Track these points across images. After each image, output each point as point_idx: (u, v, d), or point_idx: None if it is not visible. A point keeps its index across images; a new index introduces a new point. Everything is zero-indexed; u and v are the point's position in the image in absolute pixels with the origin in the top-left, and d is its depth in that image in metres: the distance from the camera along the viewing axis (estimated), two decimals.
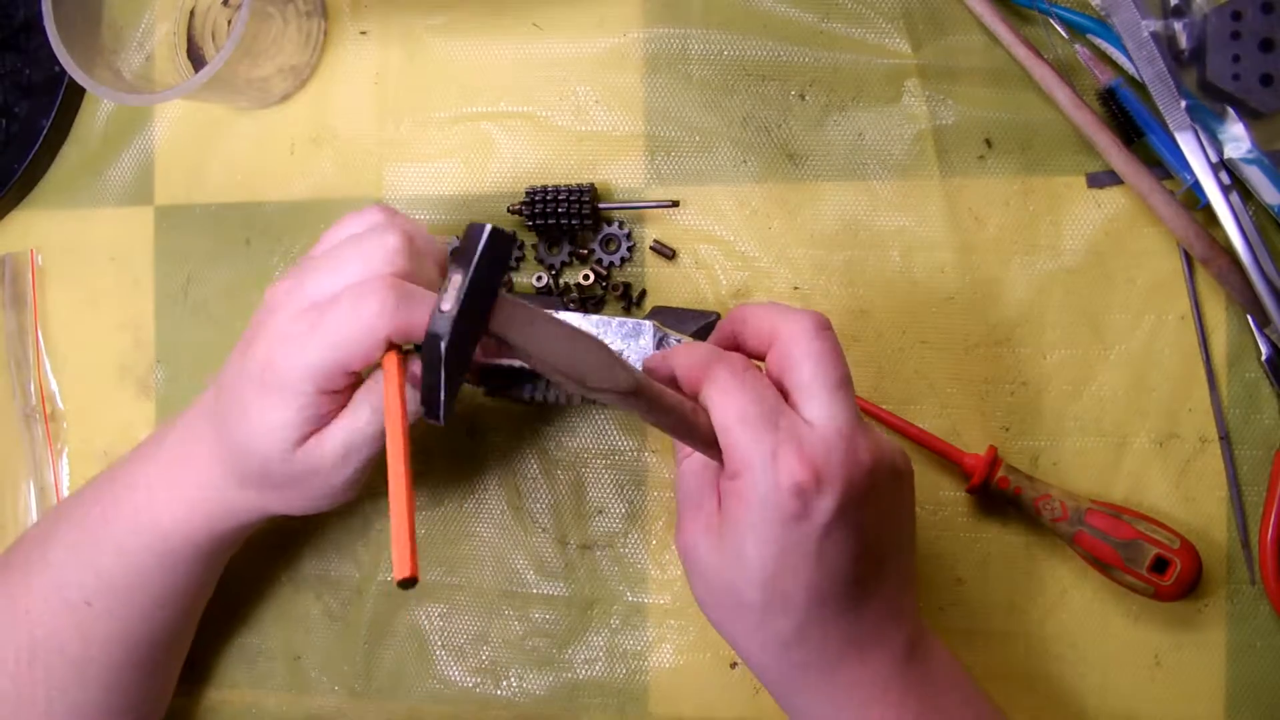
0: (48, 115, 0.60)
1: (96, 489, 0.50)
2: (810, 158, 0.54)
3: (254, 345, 0.43)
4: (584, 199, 0.53)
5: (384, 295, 0.40)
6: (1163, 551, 0.47)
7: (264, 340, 0.43)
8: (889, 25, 0.53)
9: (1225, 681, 0.50)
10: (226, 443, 0.45)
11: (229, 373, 0.45)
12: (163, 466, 0.48)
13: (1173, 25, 0.49)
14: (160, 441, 0.49)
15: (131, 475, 0.49)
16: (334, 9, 0.59)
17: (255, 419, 0.43)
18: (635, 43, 0.55)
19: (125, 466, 0.49)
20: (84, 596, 0.48)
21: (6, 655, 0.48)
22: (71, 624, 0.48)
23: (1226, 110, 0.48)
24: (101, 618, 0.49)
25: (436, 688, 0.57)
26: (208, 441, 0.47)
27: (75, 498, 0.51)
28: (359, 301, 0.41)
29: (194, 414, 0.48)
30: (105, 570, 0.48)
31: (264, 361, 0.42)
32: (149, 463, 0.49)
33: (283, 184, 0.59)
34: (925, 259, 0.52)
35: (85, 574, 0.48)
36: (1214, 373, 0.50)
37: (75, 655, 0.49)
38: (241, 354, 0.45)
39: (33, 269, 0.63)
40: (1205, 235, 0.48)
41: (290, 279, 0.44)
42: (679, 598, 0.54)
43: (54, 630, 0.48)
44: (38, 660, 0.48)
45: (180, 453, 0.48)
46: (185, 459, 0.47)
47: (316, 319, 0.42)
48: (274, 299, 0.44)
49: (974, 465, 0.49)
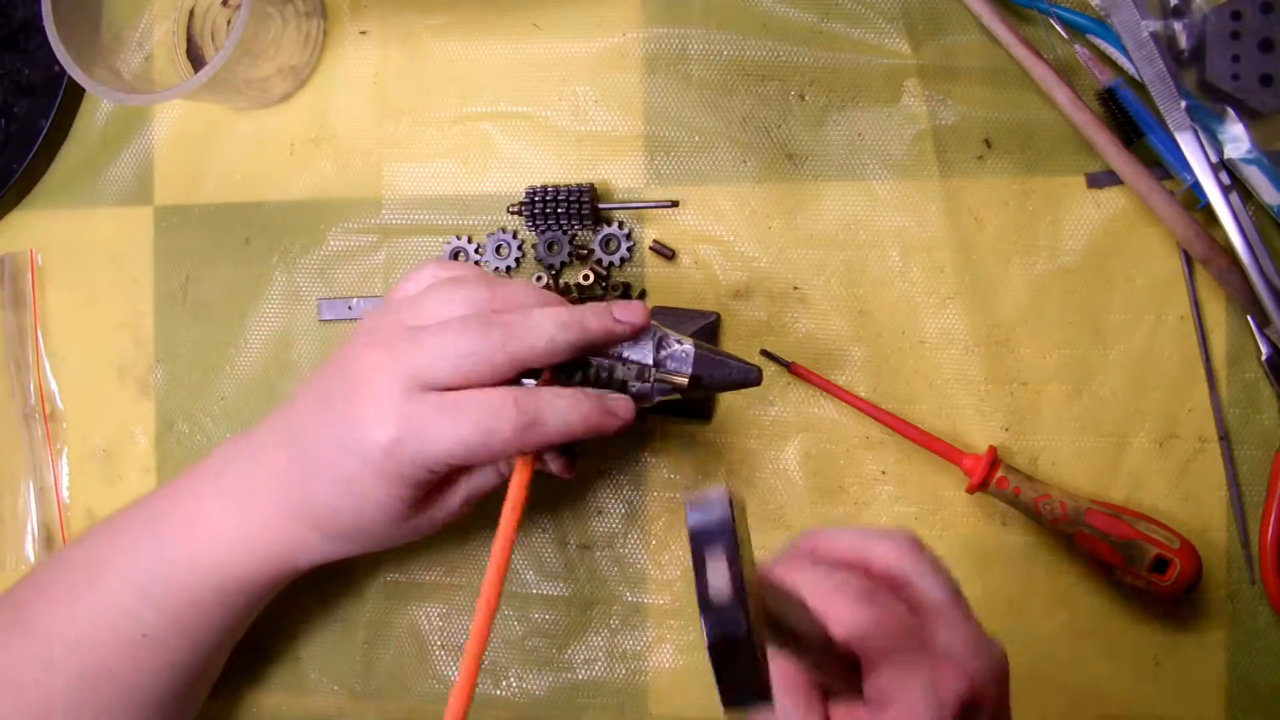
0: (47, 115, 0.60)
1: (148, 520, 0.49)
2: (810, 158, 0.54)
3: (360, 418, 0.42)
4: (584, 199, 0.53)
5: (518, 415, 0.41)
6: (1163, 551, 0.47)
7: (376, 415, 0.42)
8: (888, 25, 0.53)
9: (1225, 681, 0.50)
10: (318, 508, 0.45)
11: (312, 434, 0.44)
12: (228, 511, 0.47)
13: (1172, 25, 0.49)
14: (220, 479, 0.48)
15: (188, 513, 0.48)
16: (333, 9, 0.59)
17: (368, 498, 0.43)
18: (635, 43, 0.55)
19: (179, 501, 0.48)
20: (140, 629, 0.48)
21: (57, 684, 0.47)
22: (126, 655, 0.48)
23: (1226, 110, 0.48)
24: (157, 649, 0.48)
25: (436, 688, 0.57)
26: (286, 498, 0.46)
27: (122, 526, 0.50)
28: (494, 417, 0.41)
29: (260, 458, 0.47)
30: (164, 606, 0.48)
31: (385, 445, 0.42)
32: (209, 501, 0.47)
33: (282, 184, 0.59)
34: (925, 259, 0.52)
35: (142, 608, 0.48)
36: (1214, 373, 0.50)
37: (127, 682, 0.48)
38: (326, 409, 0.44)
39: (32, 269, 0.63)
40: (1205, 235, 0.48)
41: (382, 347, 0.43)
42: (678, 598, 0.54)
43: (106, 660, 0.48)
44: (87, 686, 0.48)
45: (248, 502, 0.47)
46: (255, 509, 0.46)
47: (442, 404, 0.41)
48: (371, 362, 0.43)
49: (974, 465, 0.49)
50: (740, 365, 0.46)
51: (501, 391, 0.42)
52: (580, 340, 0.43)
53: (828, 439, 0.53)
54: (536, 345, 0.42)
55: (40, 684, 0.47)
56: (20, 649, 0.48)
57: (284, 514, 0.46)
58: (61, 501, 0.62)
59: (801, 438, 0.53)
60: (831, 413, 0.53)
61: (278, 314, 0.59)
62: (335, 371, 0.45)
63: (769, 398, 0.54)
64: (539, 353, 0.42)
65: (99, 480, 0.62)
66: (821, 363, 0.53)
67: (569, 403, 0.43)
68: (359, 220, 0.58)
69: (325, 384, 0.45)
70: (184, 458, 0.60)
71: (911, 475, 0.52)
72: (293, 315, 0.59)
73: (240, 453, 0.48)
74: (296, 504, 0.46)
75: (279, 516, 0.46)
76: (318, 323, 0.59)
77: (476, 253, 0.56)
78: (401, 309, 0.44)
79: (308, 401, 0.45)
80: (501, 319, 0.42)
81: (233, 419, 0.60)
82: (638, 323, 0.44)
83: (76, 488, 0.62)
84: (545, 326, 0.42)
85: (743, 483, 0.54)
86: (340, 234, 0.59)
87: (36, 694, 0.47)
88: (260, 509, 0.46)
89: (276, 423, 0.47)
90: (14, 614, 0.49)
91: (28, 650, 0.48)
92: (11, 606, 0.50)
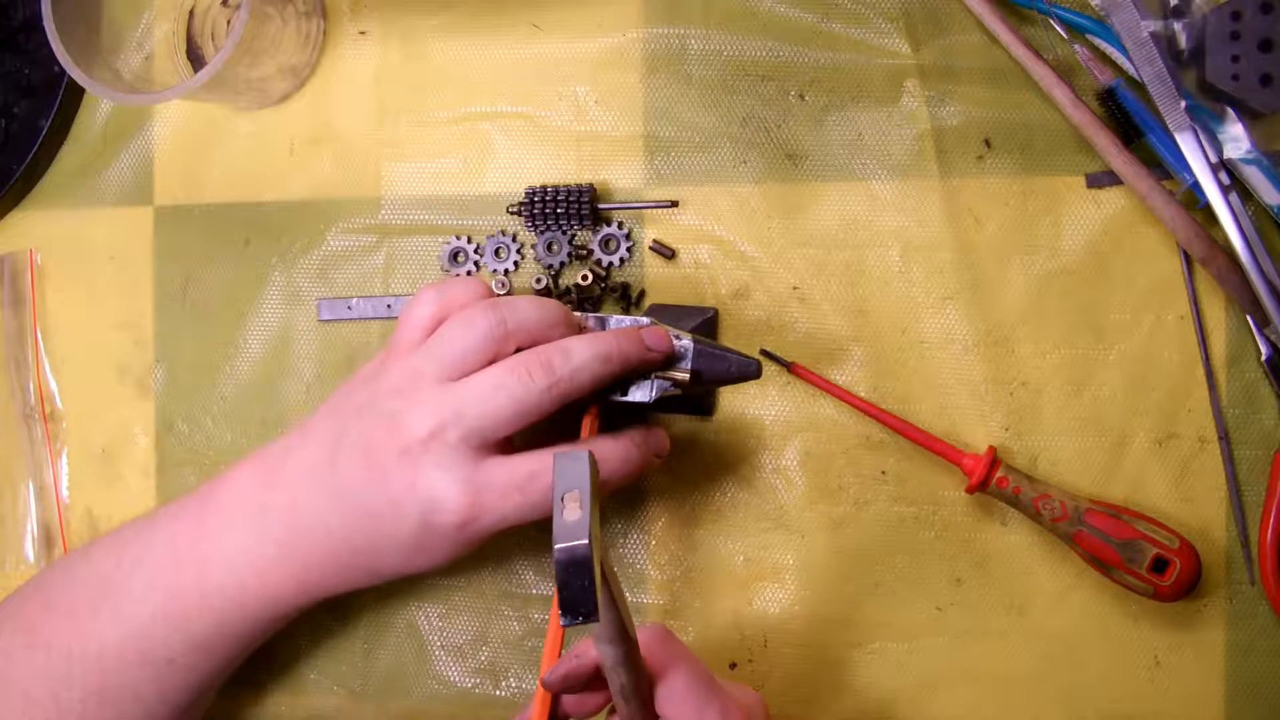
0: (47, 115, 0.60)
1: (175, 547, 0.48)
2: (810, 158, 0.54)
3: (428, 492, 0.43)
4: (583, 199, 0.53)
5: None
6: (1162, 551, 0.47)
7: (444, 488, 0.43)
8: (889, 25, 0.53)
9: (1225, 681, 0.50)
10: (374, 562, 0.46)
11: (367, 499, 0.44)
12: (267, 552, 0.46)
13: (1172, 25, 0.49)
14: (261, 518, 0.47)
15: (222, 548, 0.47)
16: (333, 9, 0.59)
17: (428, 555, 0.45)
18: (635, 43, 0.55)
19: (207, 533, 0.47)
20: (168, 655, 0.48)
21: (74, 696, 0.47)
22: (151, 677, 0.48)
23: (1226, 110, 0.48)
24: (183, 672, 0.48)
25: (435, 688, 0.57)
26: (335, 554, 0.46)
27: (143, 547, 0.49)
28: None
29: (302, 508, 0.46)
30: (196, 635, 0.48)
31: (458, 523, 0.43)
32: (250, 541, 0.47)
33: (282, 184, 0.59)
34: (924, 259, 0.52)
35: (172, 635, 0.47)
36: (1213, 373, 0.50)
37: (149, 701, 0.48)
38: (379, 474, 0.44)
39: (32, 269, 0.63)
40: (1205, 235, 0.48)
41: (427, 407, 0.43)
42: (678, 598, 0.54)
43: (130, 681, 0.48)
44: (108, 703, 0.48)
45: (294, 552, 0.46)
46: (301, 556, 0.46)
47: (511, 478, 0.43)
48: (421, 424, 0.43)
49: (973, 465, 0.49)
50: (740, 359, 0.47)
51: None
52: (620, 372, 0.45)
53: (828, 439, 0.53)
54: (582, 384, 0.44)
55: (59, 700, 0.47)
56: (38, 665, 0.48)
57: (337, 562, 0.46)
58: (61, 502, 0.62)
59: (801, 438, 0.53)
60: (831, 413, 0.53)
61: (277, 314, 0.59)
62: (375, 425, 0.44)
63: (769, 398, 0.54)
64: (584, 390, 0.44)
65: (99, 480, 0.62)
66: (821, 363, 0.53)
67: (622, 458, 0.45)
68: (358, 220, 0.58)
69: (365, 440, 0.44)
70: (184, 458, 0.60)
71: (911, 475, 0.52)
72: (292, 315, 0.59)
73: (276, 499, 0.47)
74: (345, 558, 0.46)
75: (332, 564, 0.46)
76: (317, 323, 0.59)
77: (476, 253, 0.56)
78: (417, 357, 0.45)
79: (354, 459, 0.45)
80: (541, 360, 0.43)
81: (233, 419, 0.60)
82: (667, 350, 0.46)
83: (76, 488, 0.62)
84: (589, 366, 0.44)
85: (743, 483, 0.54)
86: (340, 234, 0.59)
87: (53, 709, 0.47)
88: (311, 558, 0.46)
89: (313, 474, 0.46)
90: (29, 629, 0.49)
91: (47, 667, 0.48)
92: (23, 619, 0.49)
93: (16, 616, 0.50)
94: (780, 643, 0.53)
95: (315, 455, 0.46)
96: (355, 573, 0.47)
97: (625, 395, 0.47)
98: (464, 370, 0.44)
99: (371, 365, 0.49)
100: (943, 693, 0.52)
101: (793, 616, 0.53)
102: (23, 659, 0.48)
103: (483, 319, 0.44)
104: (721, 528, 0.54)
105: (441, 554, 0.45)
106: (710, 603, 0.54)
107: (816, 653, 0.53)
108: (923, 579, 0.52)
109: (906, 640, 0.52)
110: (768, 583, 0.53)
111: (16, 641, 0.49)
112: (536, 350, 0.44)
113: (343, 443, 0.45)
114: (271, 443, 0.49)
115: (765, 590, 0.53)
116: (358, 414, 0.45)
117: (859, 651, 0.53)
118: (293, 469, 0.47)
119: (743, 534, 0.54)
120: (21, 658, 0.48)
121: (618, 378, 0.45)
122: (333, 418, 0.47)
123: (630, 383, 0.47)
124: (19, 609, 0.50)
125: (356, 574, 0.47)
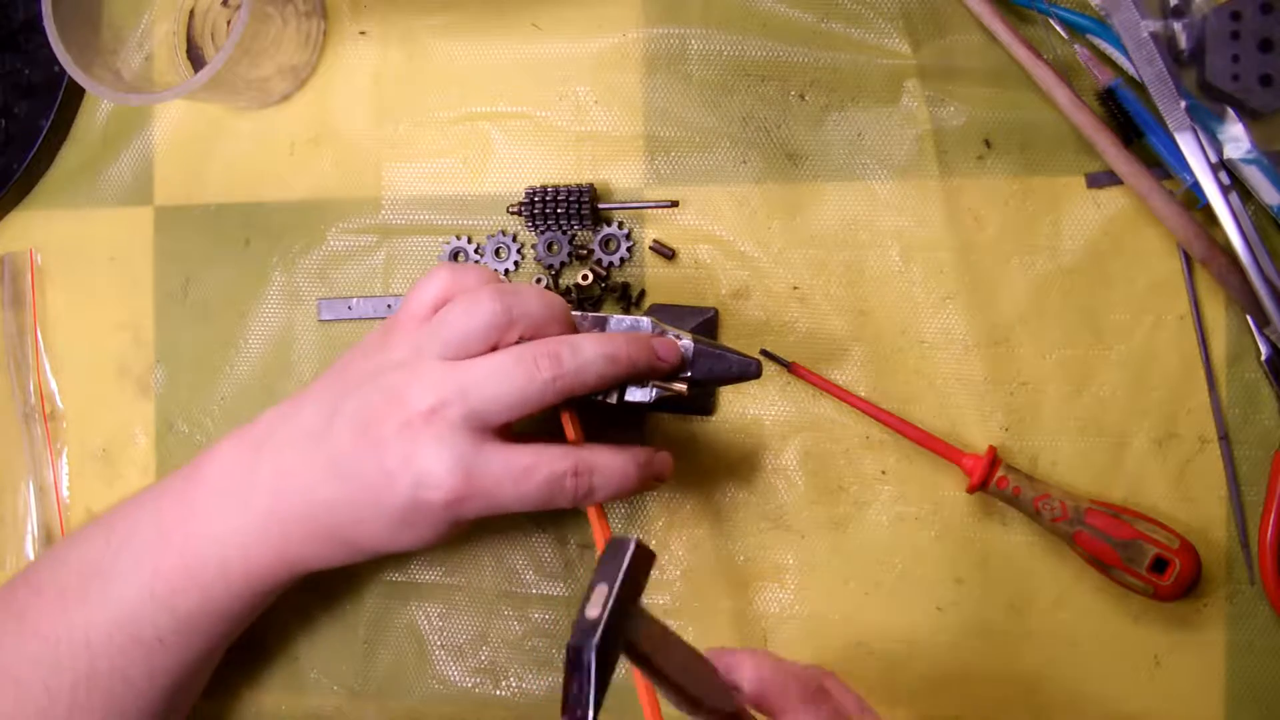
0: (47, 115, 0.60)
1: (161, 525, 0.48)
2: (810, 158, 0.54)
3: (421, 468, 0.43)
4: (583, 199, 0.53)
5: (577, 486, 0.44)
6: (1162, 551, 0.47)
7: (438, 465, 0.43)
8: (888, 25, 0.53)
9: (1225, 681, 0.50)
10: (359, 536, 0.46)
11: (359, 472, 0.44)
12: (252, 525, 0.46)
13: (1172, 25, 0.49)
14: (249, 495, 0.47)
15: (209, 523, 0.47)
16: (333, 9, 0.59)
17: (415, 531, 0.45)
18: (635, 43, 0.55)
19: (194, 510, 0.47)
20: (158, 635, 0.48)
21: (64, 682, 0.47)
22: (140, 659, 0.48)
23: (1226, 110, 0.48)
24: (172, 652, 0.48)
25: (436, 688, 0.57)
26: (319, 525, 0.46)
27: (130, 528, 0.49)
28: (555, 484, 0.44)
29: (291, 479, 0.46)
30: (185, 613, 0.48)
31: (448, 501, 0.43)
32: (234, 517, 0.47)
33: (282, 184, 0.59)
34: (925, 259, 0.52)
35: (161, 615, 0.47)
36: (1213, 373, 0.50)
37: (139, 685, 0.48)
38: (374, 447, 0.43)
39: (32, 269, 0.63)
40: (1205, 235, 0.48)
41: (426, 382, 0.43)
42: (678, 597, 0.54)
43: (119, 664, 0.48)
44: (97, 689, 0.48)
45: (279, 525, 0.46)
46: (287, 529, 0.46)
47: (508, 466, 0.43)
48: (421, 399, 0.43)
49: (973, 465, 0.49)
50: (739, 359, 0.47)
51: (564, 457, 0.44)
52: (625, 375, 0.45)
53: (828, 439, 0.53)
54: (587, 382, 0.44)
55: (49, 686, 0.47)
56: (27, 650, 0.48)
57: (319, 533, 0.46)
58: (61, 501, 0.62)
59: (801, 438, 0.53)
60: (831, 412, 0.53)
61: (277, 314, 0.59)
62: (375, 397, 0.44)
63: (769, 398, 0.54)
64: (587, 388, 0.44)
65: (99, 480, 0.62)
66: (821, 362, 0.53)
67: (621, 471, 0.45)
68: (359, 220, 0.58)
69: (364, 411, 0.44)
70: (184, 458, 0.60)
71: (911, 475, 0.52)
72: (292, 315, 0.59)
73: (262, 468, 0.47)
74: (333, 531, 0.46)
75: (314, 535, 0.46)
76: (317, 323, 0.59)
77: (476, 253, 0.56)
78: (419, 334, 0.45)
79: (350, 429, 0.44)
80: (549, 351, 0.44)
81: (233, 419, 0.60)
82: (676, 363, 0.47)
83: (76, 488, 0.62)
84: (595, 364, 0.44)
85: (743, 483, 0.54)
86: (340, 234, 0.59)
87: (43, 695, 0.47)
88: (293, 528, 0.46)
89: (305, 441, 0.46)
90: (19, 615, 0.49)
91: (36, 652, 0.48)
92: (13, 606, 0.49)
93: (7, 604, 0.50)
94: (780, 643, 0.53)
95: (309, 423, 0.46)
96: (335, 546, 0.46)
97: (624, 396, 0.47)
98: (465, 352, 0.44)
99: (372, 337, 0.48)
100: (943, 693, 0.52)
101: (793, 616, 0.53)
102: (11, 645, 0.48)
103: (488, 304, 0.44)
104: (721, 528, 0.54)
105: (424, 532, 0.45)
106: (710, 603, 0.54)
107: (816, 653, 0.53)
108: (923, 579, 0.52)
109: (906, 640, 0.52)
110: (768, 583, 0.53)
111: (7, 629, 0.49)
112: (545, 342, 0.44)
113: (340, 412, 0.45)
114: (259, 416, 0.49)
115: (765, 590, 0.53)
116: (358, 385, 0.45)
117: (859, 651, 0.53)
118: (284, 436, 0.47)
119: (743, 534, 0.54)
120: (10, 644, 0.48)
121: (622, 380, 0.46)
122: (332, 388, 0.47)
123: (631, 383, 0.47)
124: (9, 596, 0.50)
125: (335, 547, 0.46)
